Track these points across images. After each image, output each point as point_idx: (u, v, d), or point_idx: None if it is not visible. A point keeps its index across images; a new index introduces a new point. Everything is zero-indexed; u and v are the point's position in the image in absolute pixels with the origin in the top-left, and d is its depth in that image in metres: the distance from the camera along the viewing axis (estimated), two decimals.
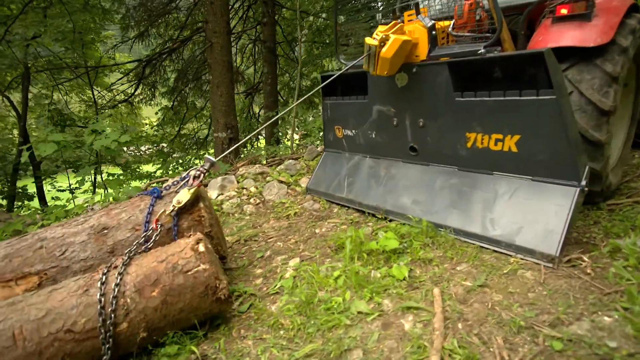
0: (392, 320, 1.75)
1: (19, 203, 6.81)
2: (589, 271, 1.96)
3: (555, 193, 2.16)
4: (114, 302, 1.59)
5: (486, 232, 2.32)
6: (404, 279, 2.03)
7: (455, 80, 2.45)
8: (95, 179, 6.91)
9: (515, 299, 1.80)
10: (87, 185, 6.69)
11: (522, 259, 2.14)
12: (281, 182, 3.94)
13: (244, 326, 1.88)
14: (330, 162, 3.64)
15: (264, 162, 4.71)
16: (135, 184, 7.17)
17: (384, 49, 2.43)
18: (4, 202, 6.79)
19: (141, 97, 9.51)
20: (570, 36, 2.46)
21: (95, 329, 1.55)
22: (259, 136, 10.45)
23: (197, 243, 1.80)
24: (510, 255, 2.18)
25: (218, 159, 2.31)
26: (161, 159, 8.71)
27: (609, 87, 2.40)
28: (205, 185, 3.92)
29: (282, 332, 1.79)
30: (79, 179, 4.14)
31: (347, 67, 2.77)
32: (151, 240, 1.96)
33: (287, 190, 3.84)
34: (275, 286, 2.17)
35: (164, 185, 2.24)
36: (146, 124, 12.64)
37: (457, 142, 2.57)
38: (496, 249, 2.26)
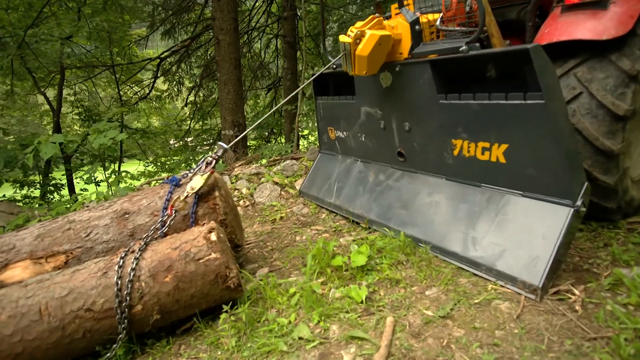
0: (332, 351, 1.58)
1: (54, 194, 7.33)
2: (577, 307, 1.67)
3: (545, 213, 1.86)
4: (129, 285, 1.67)
5: (466, 252, 2.07)
6: (361, 302, 1.85)
7: (439, 80, 2.19)
8: (119, 171, 7.24)
9: (478, 336, 1.57)
10: (112, 179, 7.01)
11: (502, 286, 1.87)
12: (276, 183, 3.83)
13: (185, 342, 1.80)
14: (324, 164, 3.48)
15: (264, 161, 4.63)
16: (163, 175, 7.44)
17: (359, 47, 2.22)
18: (37, 193, 7.33)
19: (167, 92, 9.81)
20: (581, 28, 2.11)
21: (112, 309, 1.64)
22: (282, 131, 10.41)
23: (210, 232, 1.84)
24: (490, 281, 1.93)
25: (230, 145, 2.34)
26: (181, 155, 8.95)
27: (625, 88, 2.04)
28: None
29: (219, 352, 1.69)
30: (87, 176, 4.34)
31: (327, 67, 2.59)
32: (166, 225, 2.04)
33: (280, 193, 3.73)
34: None
35: (181, 174, 2.36)
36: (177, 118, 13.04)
37: (444, 150, 2.31)
38: (475, 272, 2.01)
